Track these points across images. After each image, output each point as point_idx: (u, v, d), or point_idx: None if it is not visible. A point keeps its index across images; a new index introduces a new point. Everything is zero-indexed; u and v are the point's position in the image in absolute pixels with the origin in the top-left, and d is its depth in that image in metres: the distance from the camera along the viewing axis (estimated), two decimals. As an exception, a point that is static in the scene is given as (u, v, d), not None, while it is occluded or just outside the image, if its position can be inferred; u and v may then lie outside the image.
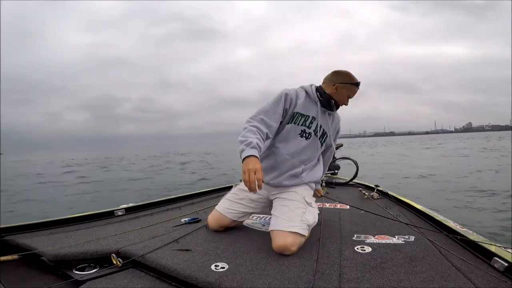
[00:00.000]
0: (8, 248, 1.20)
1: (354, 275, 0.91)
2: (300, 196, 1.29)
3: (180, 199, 2.08)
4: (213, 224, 1.38)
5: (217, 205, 1.42)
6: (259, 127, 1.21)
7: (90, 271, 1.03)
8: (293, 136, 1.32)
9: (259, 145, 1.15)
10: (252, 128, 1.20)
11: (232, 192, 1.44)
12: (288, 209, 1.23)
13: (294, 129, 1.32)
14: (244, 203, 1.37)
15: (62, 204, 5.42)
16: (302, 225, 1.17)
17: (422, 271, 0.93)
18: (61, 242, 1.19)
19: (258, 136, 1.18)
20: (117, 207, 1.74)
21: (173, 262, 1.00)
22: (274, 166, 1.33)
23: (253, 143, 1.13)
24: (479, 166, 8.40)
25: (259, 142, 1.16)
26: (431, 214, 1.52)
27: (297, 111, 1.32)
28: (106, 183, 8.61)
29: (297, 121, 1.32)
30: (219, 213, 1.38)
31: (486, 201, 4.44)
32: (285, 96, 1.30)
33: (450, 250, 1.09)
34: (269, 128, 1.25)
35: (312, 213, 1.28)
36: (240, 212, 1.38)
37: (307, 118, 1.33)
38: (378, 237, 1.26)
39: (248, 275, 0.92)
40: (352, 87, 1.35)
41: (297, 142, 1.32)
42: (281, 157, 1.32)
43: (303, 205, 1.26)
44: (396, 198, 1.99)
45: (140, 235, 1.30)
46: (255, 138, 1.15)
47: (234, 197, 1.40)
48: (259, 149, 1.15)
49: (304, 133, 1.33)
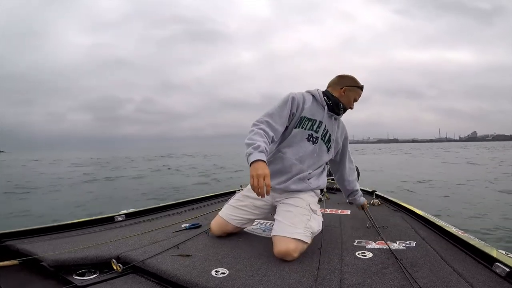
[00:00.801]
0: (8, 253, 1.19)
1: (355, 281, 0.90)
2: (305, 203, 1.27)
3: (180, 204, 2.08)
4: (216, 230, 1.36)
5: (220, 211, 1.40)
6: (265, 130, 1.20)
7: (90, 277, 1.02)
8: (300, 141, 1.31)
9: (267, 149, 1.14)
10: (259, 131, 1.18)
11: (236, 198, 1.42)
12: (292, 215, 1.21)
13: (301, 134, 1.31)
14: (248, 209, 1.35)
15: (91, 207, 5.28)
16: (306, 232, 1.16)
17: (423, 276, 0.93)
18: (61, 247, 1.19)
19: (265, 140, 1.16)
20: (117, 213, 1.74)
21: (174, 267, 1.00)
22: (281, 170, 1.31)
23: (261, 147, 1.10)
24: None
25: (266, 146, 1.14)
26: (432, 219, 1.51)
27: (304, 115, 1.31)
28: (131, 183, 8.61)
29: (304, 125, 1.31)
30: (223, 219, 1.36)
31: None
32: (292, 100, 1.29)
33: (451, 255, 1.09)
34: (275, 132, 1.24)
35: (317, 221, 1.26)
36: (244, 219, 1.36)
37: (314, 123, 1.32)
38: (379, 243, 1.26)
39: (248, 280, 0.91)
40: (358, 90, 1.37)
41: (304, 147, 1.31)
42: (288, 161, 1.30)
43: (308, 212, 1.24)
44: (397, 203, 1.99)
45: (140, 241, 1.29)
46: (262, 142, 1.13)
47: (238, 204, 1.37)
48: (267, 153, 1.14)
49: (312, 137, 1.32)
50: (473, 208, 4.47)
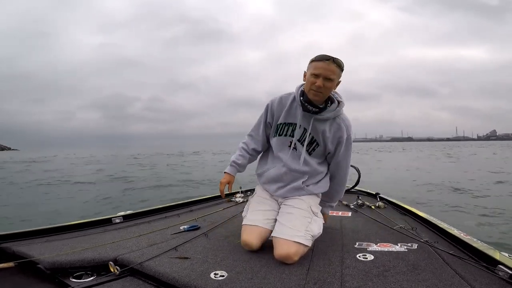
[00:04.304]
0: (4, 255, 1.18)
1: (356, 284, 0.89)
2: (306, 205, 1.26)
3: (178, 206, 2.06)
4: (256, 241, 1.18)
5: (249, 221, 1.25)
6: (246, 143, 1.39)
7: (87, 279, 1.01)
8: (282, 148, 1.31)
9: (237, 163, 1.36)
10: (240, 145, 1.40)
11: (256, 202, 1.34)
12: (293, 217, 1.20)
13: (282, 141, 1.30)
14: (272, 209, 1.29)
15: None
16: (307, 235, 1.15)
17: (425, 279, 0.92)
18: (57, 249, 1.17)
19: (242, 153, 1.38)
20: (114, 215, 1.72)
21: (172, 270, 0.99)
22: (276, 178, 1.32)
23: (231, 161, 1.36)
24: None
25: (239, 159, 1.36)
26: (434, 221, 1.50)
27: (281, 122, 1.29)
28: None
29: (282, 132, 1.29)
30: (260, 227, 1.21)
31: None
32: (266, 109, 1.33)
33: (453, 258, 1.08)
34: (257, 143, 1.38)
35: (317, 224, 1.24)
36: (273, 220, 1.26)
37: (294, 127, 1.27)
38: (380, 245, 1.24)
39: (248, 283, 0.90)
40: (312, 64, 1.17)
41: (289, 154, 1.29)
42: (280, 170, 1.30)
43: (309, 214, 1.23)
44: (399, 205, 1.97)
45: (138, 243, 1.28)
46: (236, 156, 1.37)
47: (263, 207, 1.30)
48: (237, 165, 1.36)
49: (292, 143, 1.28)
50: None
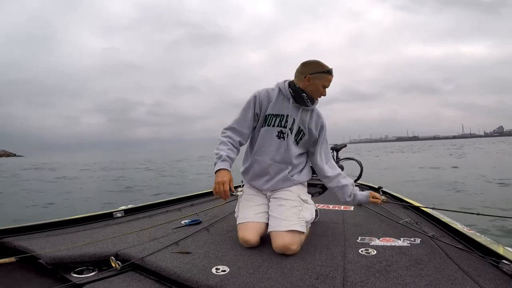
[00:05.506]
0: (5, 250, 1.18)
1: (358, 278, 0.89)
2: (295, 195, 1.29)
3: (179, 200, 2.06)
4: (254, 237, 1.18)
5: (241, 218, 1.26)
6: (231, 136, 1.29)
7: (89, 274, 1.01)
8: (270, 139, 1.30)
9: (230, 156, 1.24)
10: (224, 139, 1.28)
11: (245, 199, 1.34)
12: (285, 209, 1.23)
13: (270, 132, 1.30)
14: (264, 203, 1.31)
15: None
16: (300, 222, 1.18)
17: (428, 274, 0.91)
18: (59, 244, 1.17)
19: (230, 147, 1.27)
20: (115, 209, 1.72)
21: (173, 265, 0.98)
22: (260, 173, 1.33)
23: (222, 156, 1.22)
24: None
25: (230, 152, 1.25)
26: (437, 216, 1.49)
27: (269, 113, 1.30)
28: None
29: (271, 122, 1.30)
30: (258, 222, 1.23)
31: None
32: (254, 100, 1.31)
33: (457, 252, 1.07)
34: (242, 136, 1.31)
35: (309, 210, 1.28)
36: (265, 213, 1.28)
37: (282, 118, 1.30)
38: (383, 240, 1.24)
39: (249, 278, 0.90)
40: (324, 75, 1.28)
41: (275, 145, 1.30)
42: (264, 163, 1.31)
43: (298, 203, 1.26)
44: (402, 199, 1.96)
45: (139, 237, 1.28)
46: (226, 150, 1.24)
47: (255, 203, 1.30)
48: (230, 160, 1.24)
49: (281, 133, 1.30)
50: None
